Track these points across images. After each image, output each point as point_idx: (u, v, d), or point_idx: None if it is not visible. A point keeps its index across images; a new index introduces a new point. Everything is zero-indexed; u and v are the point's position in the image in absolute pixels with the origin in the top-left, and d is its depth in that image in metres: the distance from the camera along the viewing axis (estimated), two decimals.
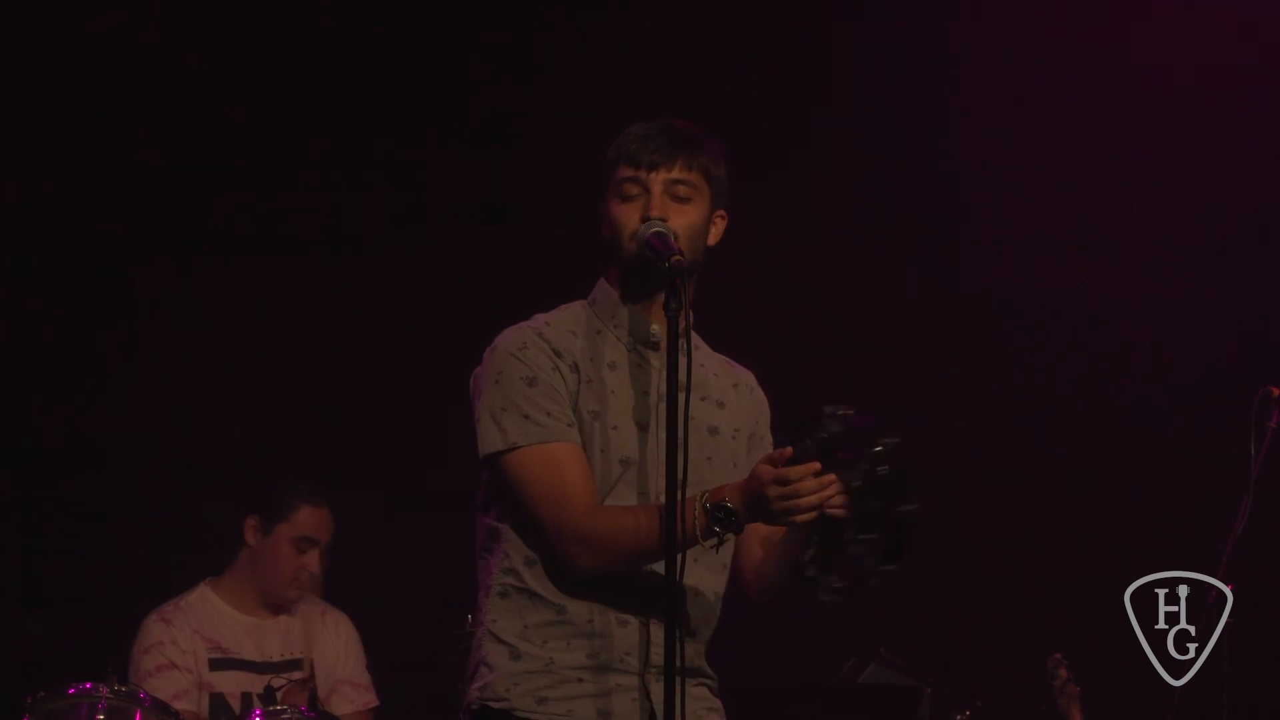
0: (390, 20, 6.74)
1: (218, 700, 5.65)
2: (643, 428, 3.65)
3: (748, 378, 3.90)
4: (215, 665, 5.71)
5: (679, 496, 3.43)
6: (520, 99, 6.79)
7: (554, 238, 6.47)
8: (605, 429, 3.63)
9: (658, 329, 3.70)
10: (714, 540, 3.49)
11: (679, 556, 3.45)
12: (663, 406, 3.64)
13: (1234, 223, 6.82)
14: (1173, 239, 6.83)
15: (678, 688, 3.45)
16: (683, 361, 3.55)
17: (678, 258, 3.55)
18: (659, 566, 3.52)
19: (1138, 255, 6.87)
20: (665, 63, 6.70)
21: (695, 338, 3.81)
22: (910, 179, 6.87)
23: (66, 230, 6.52)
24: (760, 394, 3.89)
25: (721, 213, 3.78)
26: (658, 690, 3.59)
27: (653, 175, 3.69)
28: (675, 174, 3.69)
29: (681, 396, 3.51)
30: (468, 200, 6.81)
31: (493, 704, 3.63)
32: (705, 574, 3.69)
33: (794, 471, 3.38)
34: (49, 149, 6.50)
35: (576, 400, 3.65)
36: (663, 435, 3.59)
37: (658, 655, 3.59)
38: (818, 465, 3.38)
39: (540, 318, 3.76)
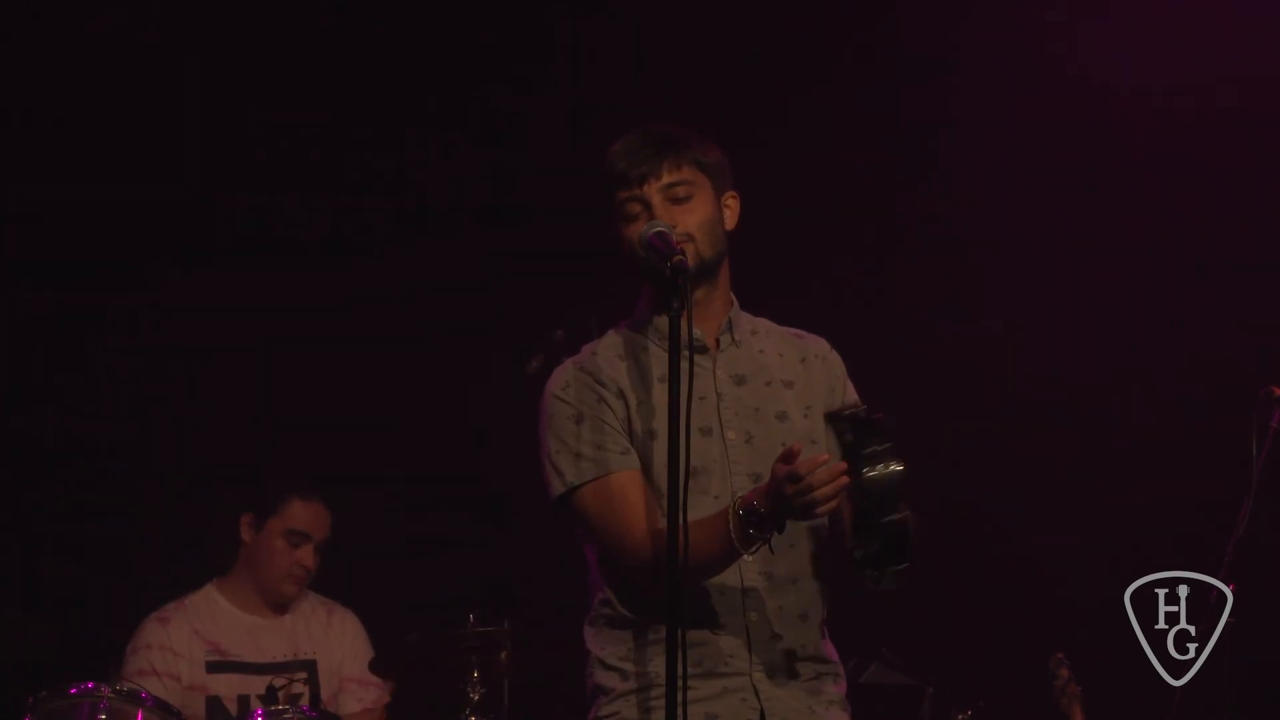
0: (390, 20, 6.73)
1: (214, 703, 5.65)
2: (706, 433, 3.66)
3: (818, 346, 3.88)
4: (212, 668, 5.70)
5: (681, 498, 3.43)
6: (520, 99, 6.78)
7: (554, 238, 6.47)
8: (665, 444, 3.60)
9: (700, 333, 3.70)
10: (758, 545, 3.49)
11: (683, 554, 3.43)
12: (723, 405, 3.67)
13: (1234, 222, 6.82)
14: (1173, 239, 6.83)
15: (787, 683, 3.56)
16: (685, 358, 3.54)
17: (679, 258, 3.55)
18: (746, 566, 3.58)
19: (1137, 255, 6.87)
20: (665, 62, 6.70)
21: (752, 321, 3.83)
22: (913, 179, 6.86)
23: (66, 230, 6.51)
24: (834, 359, 3.87)
25: (731, 194, 3.77)
26: (766, 688, 3.63)
27: (646, 188, 3.68)
28: (666, 178, 3.68)
29: (684, 400, 3.51)
30: (468, 200, 6.80)
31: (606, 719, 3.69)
32: (802, 558, 3.69)
33: (802, 466, 3.37)
34: (49, 149, 6.49)
35: (630, 425, 3.66)
36: (730, 435, 3.64)
37: (762, 653, 3.63)
38: (826, 457, 3.38)
39: (588, 347, 3.79)
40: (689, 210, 3.68)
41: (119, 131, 6.54)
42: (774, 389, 3.76)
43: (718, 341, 3.75)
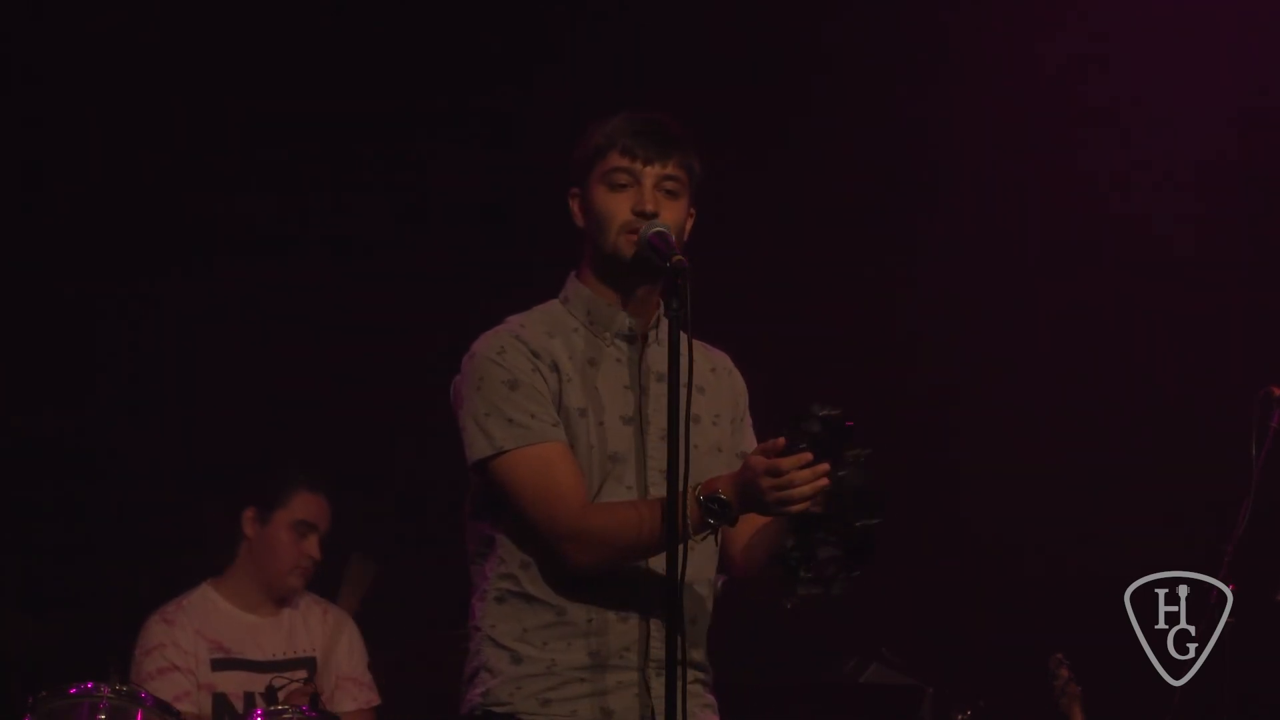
0: (390, 20, 6.73)
1: (220, 700, 5.65)
2: (627, 421, 3.65)
3: (724, 360, 3.89)
4: (218, 666, 5.70)
5: (680, 492, 3.43)
6: (520, 99, 6.78)
7: (554, 238, 6.46)
8: (591, 425, 3.63)
9: (633, 322, 3.69)
10: (706, 533, 3.50)
11: (681, 551, 3.44)
12: (645, 399, 3.67)
13: (1234, 222, 6.82)
14: (1173, 240, 6.83)
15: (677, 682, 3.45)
16: (685, 360, 3.53)
17: (679, 258, 3.55)
18: (655, 561, 3.53)
19: (1137, 256, 6.87)
20: (665, 62, 6.70)
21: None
22: (915, 181, 6.87)
23: (66, 230, 6.52)
24: (737, 375, 3.89)
25: (692, 210, 3.78)
26: (658, 685, 3.58)
27: (647, 169, 3.68)
28: (668, 170, 3.69)
29: (683, 393, 3.50)
30: (468, 200, 6.80)
31: (496, 709, 3.64)
32: (702, 563, 3.70)
33: (786, 462, 3.37)
34: (49, 149, 6.50)
35: (560, 399, 3.64)
36: (648, 428, 3.63)
37: (657, 650, 3.60)
38: (810, 456, 3.37)
39: (514, 320, 3.75)
40: (671, 207, 3.68)
41: (119, 132, 6.55)
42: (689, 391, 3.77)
43: (645, 336, 3.74)
